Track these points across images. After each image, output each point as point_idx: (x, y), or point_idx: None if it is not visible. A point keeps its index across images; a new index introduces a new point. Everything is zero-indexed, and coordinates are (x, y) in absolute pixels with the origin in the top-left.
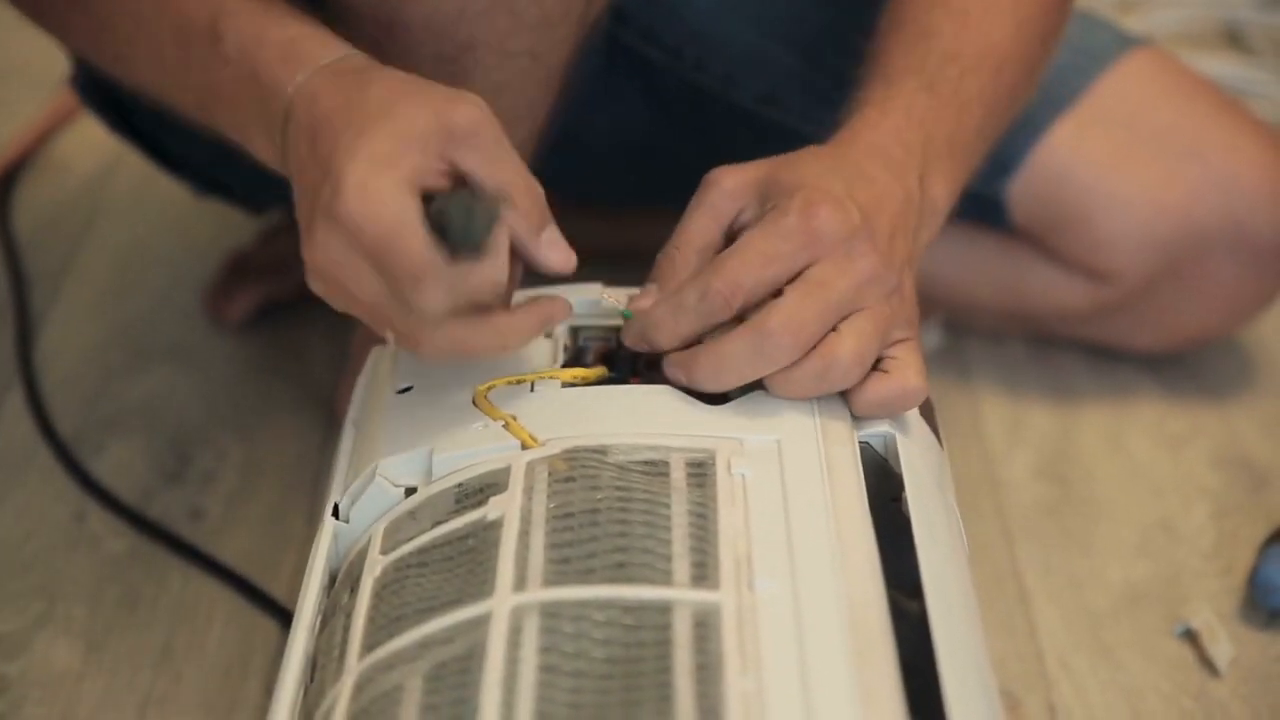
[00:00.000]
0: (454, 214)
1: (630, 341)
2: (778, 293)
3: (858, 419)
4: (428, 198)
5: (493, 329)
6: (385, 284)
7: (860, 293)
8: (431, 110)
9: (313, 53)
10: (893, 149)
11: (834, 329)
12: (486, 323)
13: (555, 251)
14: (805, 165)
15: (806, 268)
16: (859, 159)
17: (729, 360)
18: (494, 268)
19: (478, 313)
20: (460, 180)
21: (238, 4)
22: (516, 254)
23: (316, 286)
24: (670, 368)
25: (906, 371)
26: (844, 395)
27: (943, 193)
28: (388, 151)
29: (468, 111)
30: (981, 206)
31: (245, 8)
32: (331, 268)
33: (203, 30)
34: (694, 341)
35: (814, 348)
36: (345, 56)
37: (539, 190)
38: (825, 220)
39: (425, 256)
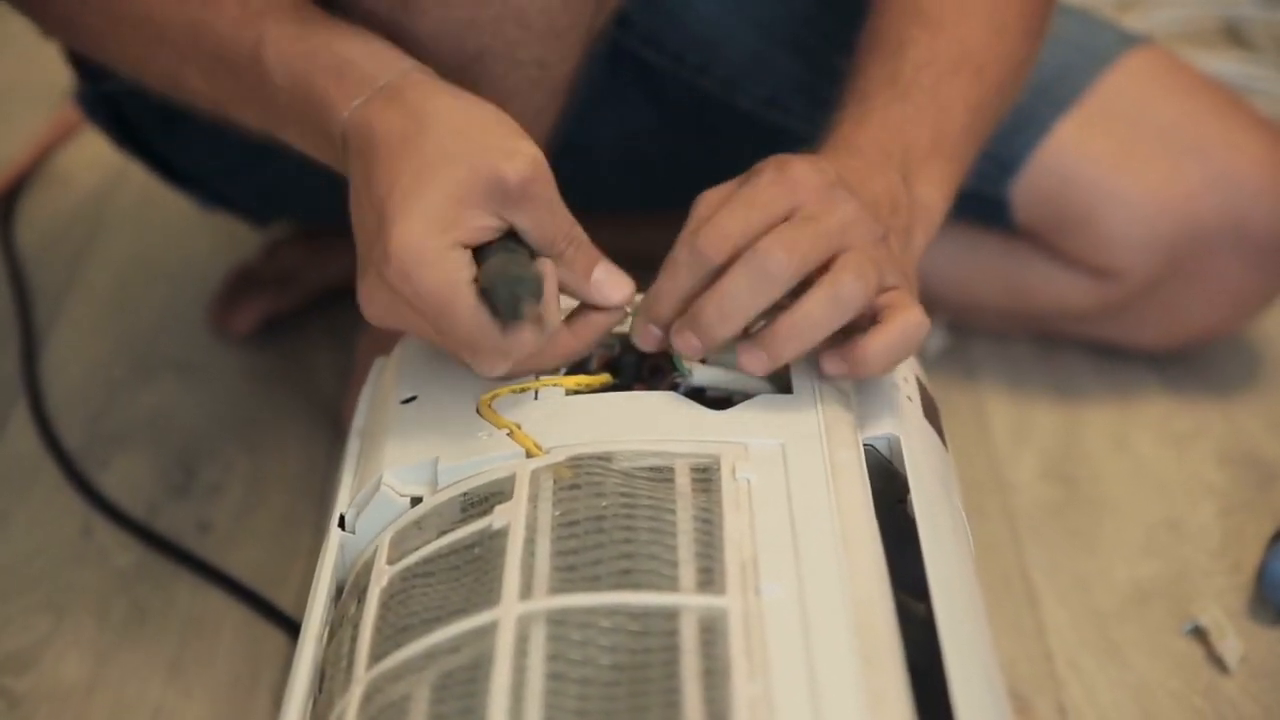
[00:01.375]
0: (500, 294)
1: (638, 332)
2: None
3: (873, 409)
4: (480, 251)
5: (563, 347)
6: (440, 336)
7: (846, 231)
8: (487, 169)
9: (366, 74)
10: (870, 153)
11: (827, 266)
12: (546, 351)
13: (610, 289)
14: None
15: (791, 214)
16: (837, 159)
17: (731, 295)
18: (543, 331)
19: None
20: (513, 231)
21: (278, 30)
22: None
23: (372, 316)
24: (677, 335)
25: (904, 311)
26: (851, 361)
27: (934, 194)
28: (440, 215)
29: (520, 169)
30: (985, 207)
31: (286, 32)
32: (385, 317)
33: (247, 62)
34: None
35: (815, 283)
36: (402, 73)
37: (584, 237)
38: (800, 171)
39: (476, 329)
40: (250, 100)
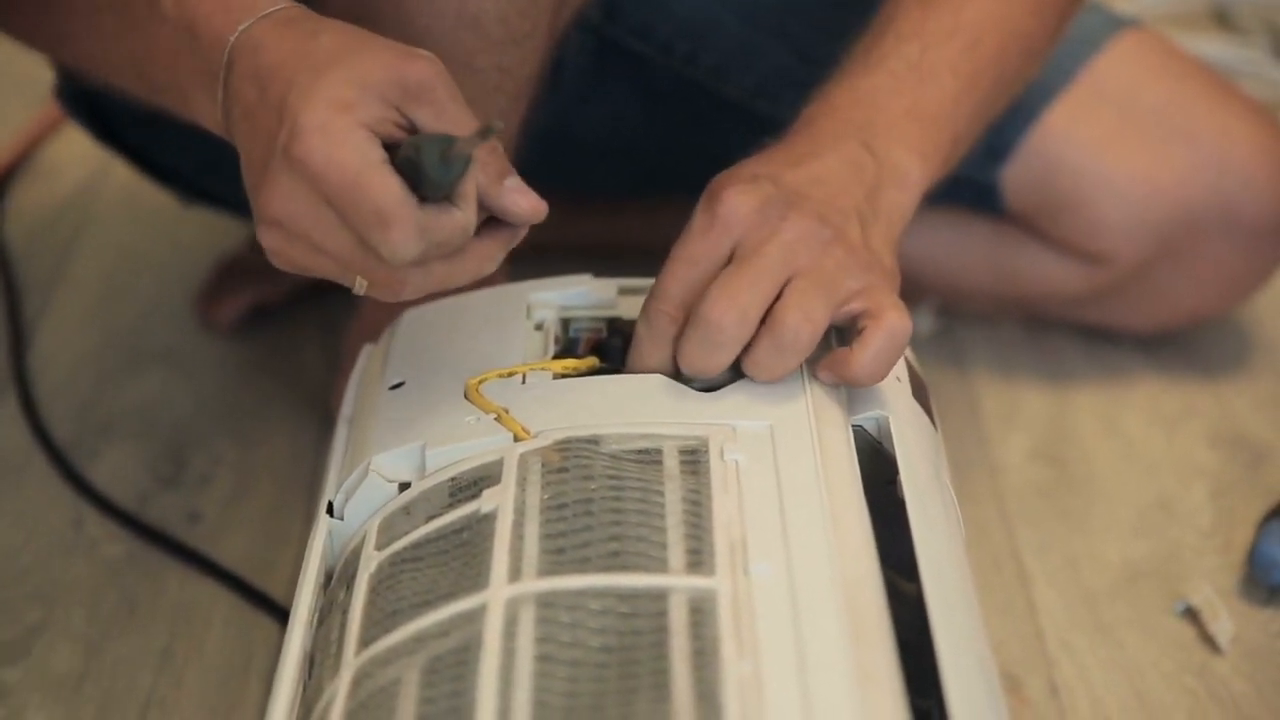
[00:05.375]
0: (427, 156)
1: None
2: None
3: (861, 391)
4: (387, 148)
5: (472, 260)
6: (351, 231)
7: (790, 252)
8: (384, 63)
9: (252, 3)
10: (828, 126)
11: (778, 298)
12: (462, 257)
13: (522, 197)
14: (731, 168)
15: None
16: (790, 146)
17: (693, 356)
18: (465, 214)
19: (446, 255)
20: (415, 135)
21: None
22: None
23: (273, 240)
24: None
25: (881, 318)
26: (839, 375)
27: (908, 157)
28: (346, 96)
29: (421, 67)
30: (975, 192)
31: None
32: (293, 217)
33: None
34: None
35: (763, 323)
36: (286, 7)
37: (497, 143)
38: (729, 202)
39: (396, 197)
40: (132, 40)
